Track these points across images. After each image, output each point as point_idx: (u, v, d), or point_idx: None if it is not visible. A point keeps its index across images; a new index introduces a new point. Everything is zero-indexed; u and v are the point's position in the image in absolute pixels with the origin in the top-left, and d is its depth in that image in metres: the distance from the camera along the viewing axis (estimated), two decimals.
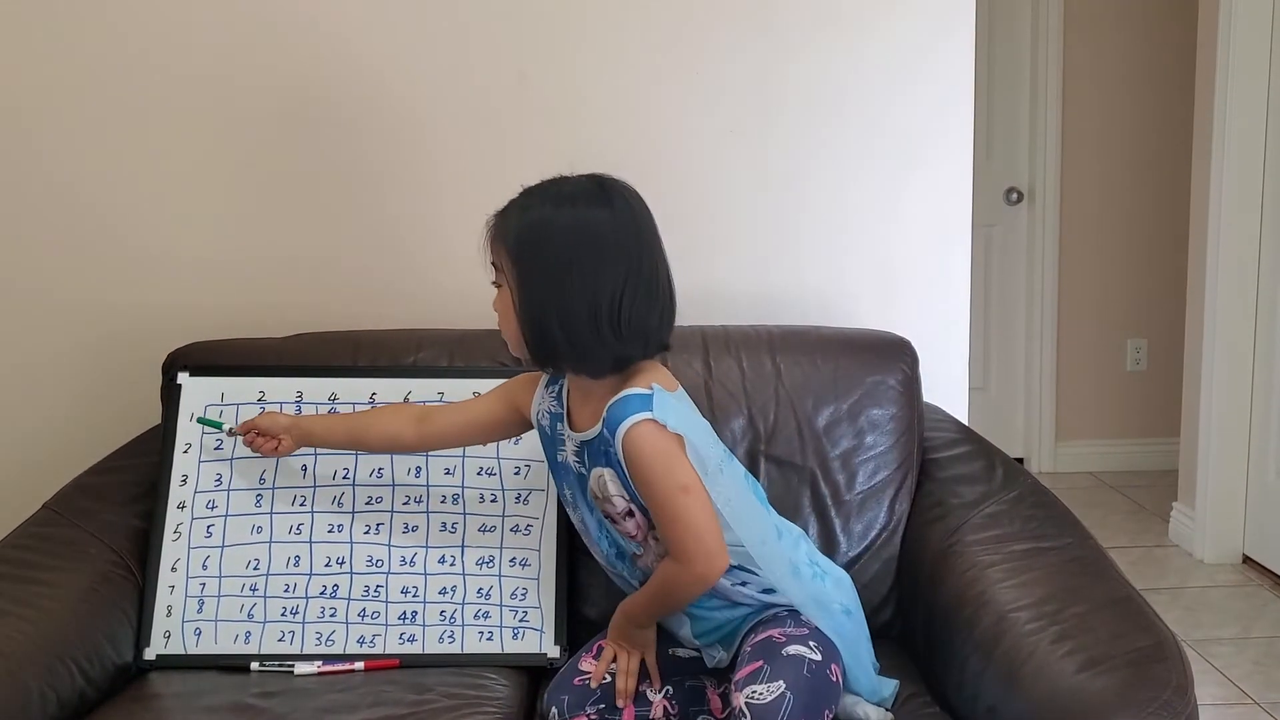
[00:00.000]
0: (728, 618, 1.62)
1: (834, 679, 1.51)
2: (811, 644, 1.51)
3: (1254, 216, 3.42)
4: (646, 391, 1.51)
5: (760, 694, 1.43)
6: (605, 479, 1.56)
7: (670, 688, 1.65)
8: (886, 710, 1.62)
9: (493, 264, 1.56)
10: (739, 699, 1.45)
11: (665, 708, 1.63)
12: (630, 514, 1.58)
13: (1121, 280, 4.48)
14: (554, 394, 1.64)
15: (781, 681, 1.44)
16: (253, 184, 2.23)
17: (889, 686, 1.65)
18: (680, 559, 1.52)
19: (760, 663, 1.48)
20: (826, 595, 1.63)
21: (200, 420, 1.89)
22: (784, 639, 1.51)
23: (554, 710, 1.63)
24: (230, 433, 1.86)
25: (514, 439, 1.87)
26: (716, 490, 1.53)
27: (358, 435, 1.81)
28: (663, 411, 1.50)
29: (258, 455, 1.83)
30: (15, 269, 2.24)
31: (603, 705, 1.62)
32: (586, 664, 1.66)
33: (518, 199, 1.55)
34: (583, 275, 1.48)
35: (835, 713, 1.53)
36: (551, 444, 1.65)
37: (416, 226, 2.26)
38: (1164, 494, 4.02)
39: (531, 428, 1.70)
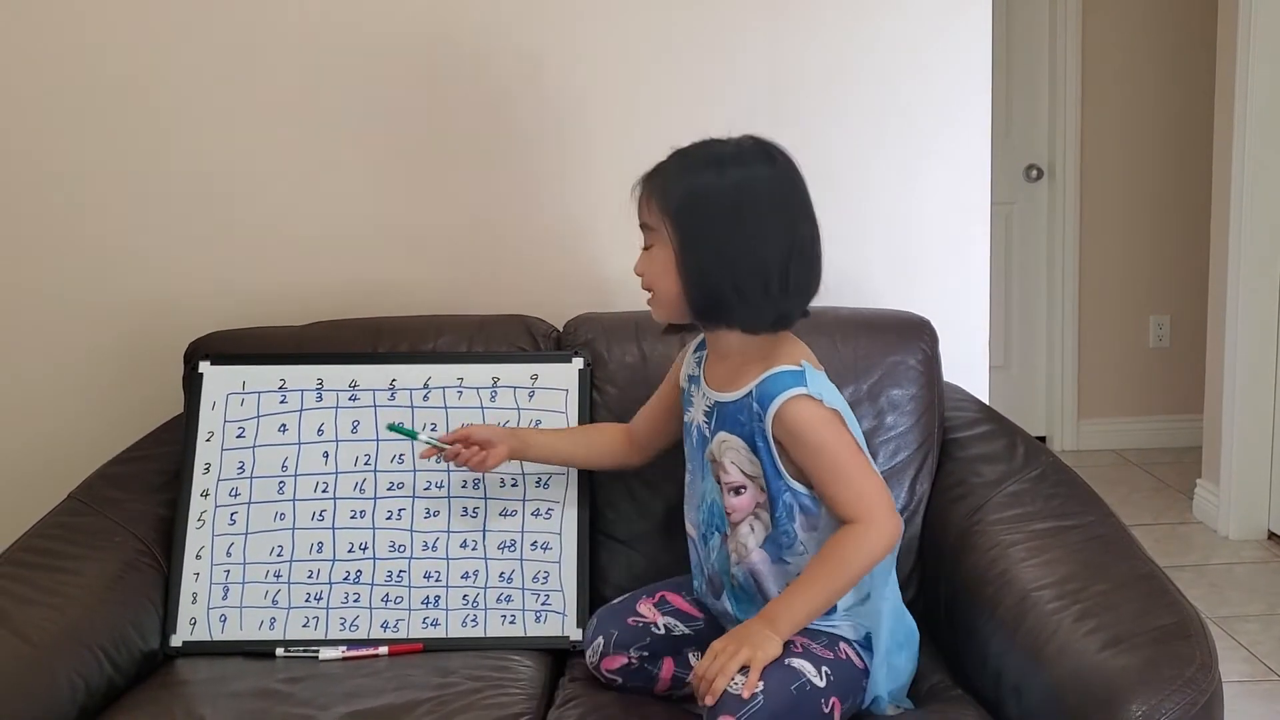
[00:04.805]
0: None
1: (825, 710, 1.46)
2: (824, 670, 1.46)
3: (1276, 190, 3.38)
4: (796, 368, 1.52)
5: (739, 685, 1.39)
6: (729, 445, 1.56)
7: None
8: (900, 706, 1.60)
9: (644, 225, 1.54)
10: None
11: None
12: (740, 490, 1.56)
13: (1143, 256, 4.45)
14: (697, 358, 1.67)
15: (763, 683, 1.40)
16: (257, 179, 2.24)
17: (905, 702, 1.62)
18: (865, 517, 1.48)
19: None
20: (902, 607, 1.63)
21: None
22: (799, 649, 1.48)
23: (599, 640, 1.62)
24: (435, 445, 1.75)
25: (535, 422, 1.89)
26: None
27: (576, 453, 1.80)
28: (816, 388, 1.51)
29: (274, 444, 1.82)
30: (34, 267, 2.26)
31: (646, 654, 1.62)
32: (645, 608, 1.66)
33: (672, 162, 1.53)
34: (750, 232, 1.48)
35: None
36: (685, 404, 1.68)
37: (431, 218, 2.25)
38: (1188, 471, 4.00)
39: None
